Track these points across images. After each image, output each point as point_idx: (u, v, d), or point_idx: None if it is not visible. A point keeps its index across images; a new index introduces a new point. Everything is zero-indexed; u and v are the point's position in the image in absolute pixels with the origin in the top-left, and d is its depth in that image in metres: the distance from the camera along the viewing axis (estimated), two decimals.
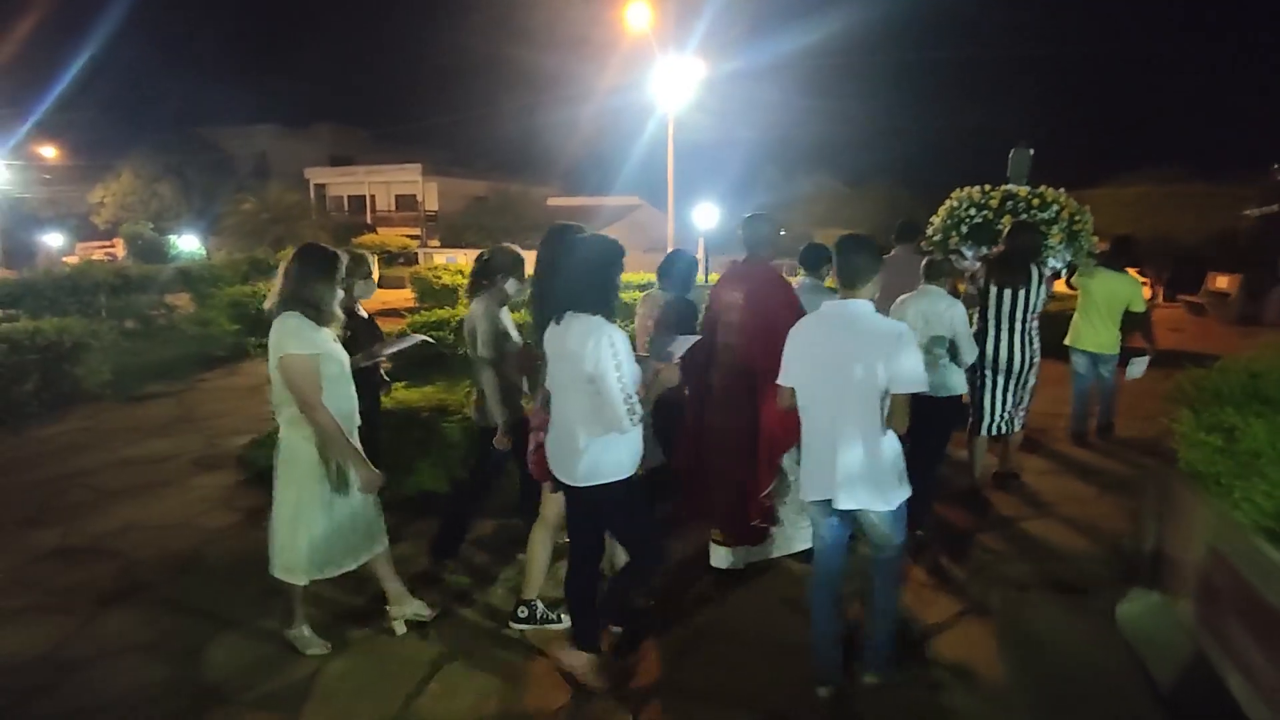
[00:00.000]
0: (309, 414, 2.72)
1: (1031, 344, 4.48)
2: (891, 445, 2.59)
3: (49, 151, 30.34)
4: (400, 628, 3.15)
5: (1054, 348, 5.29)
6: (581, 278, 2.58)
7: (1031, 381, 4.58)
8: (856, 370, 2.51)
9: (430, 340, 3.68)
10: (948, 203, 9.74)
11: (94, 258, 22.25)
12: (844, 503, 2.58)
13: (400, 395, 4.84)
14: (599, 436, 2.56)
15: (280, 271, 2.82)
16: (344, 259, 2.95)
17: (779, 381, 2.76)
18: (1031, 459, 5.27)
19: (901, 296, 4.05)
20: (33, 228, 27.24)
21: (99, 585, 3.59)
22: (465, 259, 21.14)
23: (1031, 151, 9.66)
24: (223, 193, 29.32)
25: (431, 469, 4.38)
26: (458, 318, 8.75)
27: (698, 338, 3.03)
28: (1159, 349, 5.48)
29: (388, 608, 3.17)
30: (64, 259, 21.70)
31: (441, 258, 22.78)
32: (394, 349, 3.78)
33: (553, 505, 3.12)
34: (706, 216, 14.62)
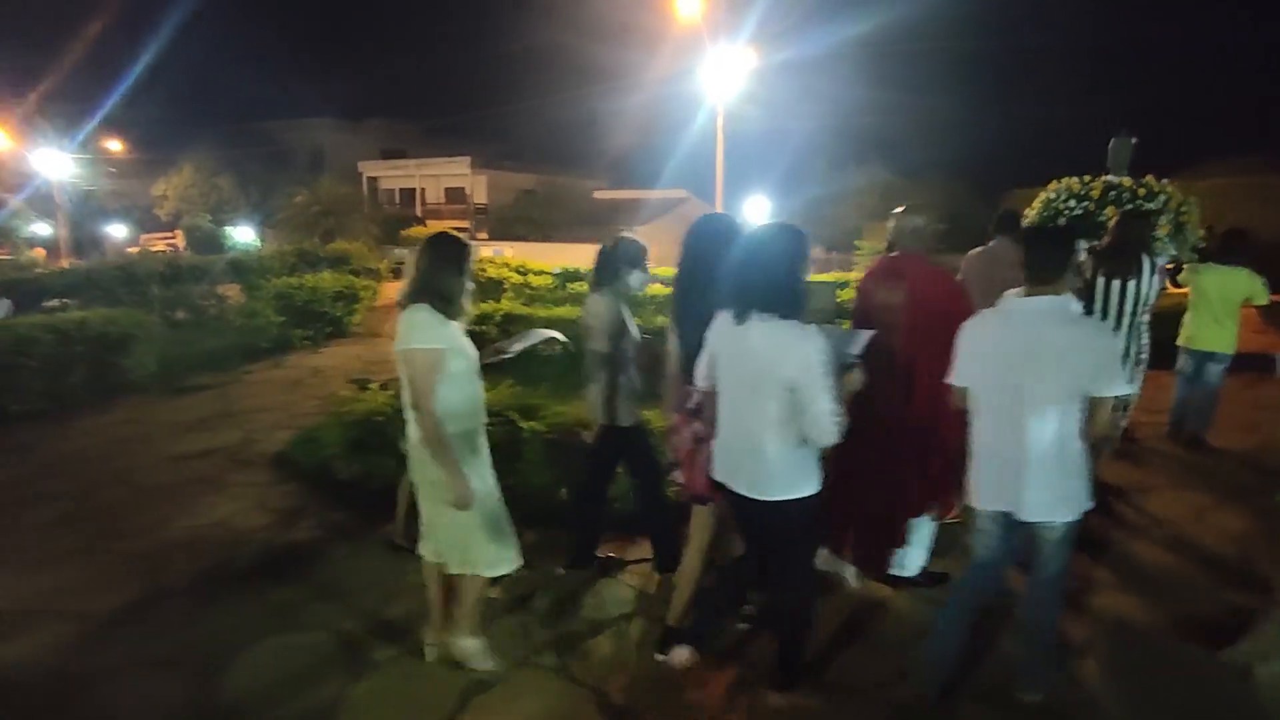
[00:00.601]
0: (419, 410, 2.55)
1: (1140, 339, 4.16)
2: (1081, 453, 2.38)
3: (115, 145, 31.38)
4: (431, 654, 2.91)
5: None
6: (773, 276, 2.36)
7: (1138, 380, 4.20)
8: (1053, 371, 2.31)
9: (560, 337, 3.44)
10: (1043, 194, 9.38)
11: (155, 249, 22.93)
12: (1030, 514, 2.38)
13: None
14: (792, 447, 2.35)
15: (410, 263, 2.68)
16: (475, 251, 2.76)
17: (951, 381, 2.55)
18: (1125, 468, 4.79)
19: (1009, 291, 3.69)
20: (100, 220, 28.25)
21: (124, 591, 3.45)
22: (512, 252, 21.13)
23: (1134, 141, 9.10)
24: (279, 185, 29.90)
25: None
26: (501, 312, 8.61)
27: (873, 332, 2.76)
28: (1241, 351, 5.19)
29: (432, 631, 2.92)
30: (128, 250, 22.39)
31: (489, 250, 22.82)
32: (522, 345, 3.55)
33: (704, 526, 2.91)
34: (758, 209, 14.20)
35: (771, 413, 2.35)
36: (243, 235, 26.50)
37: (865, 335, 2.69)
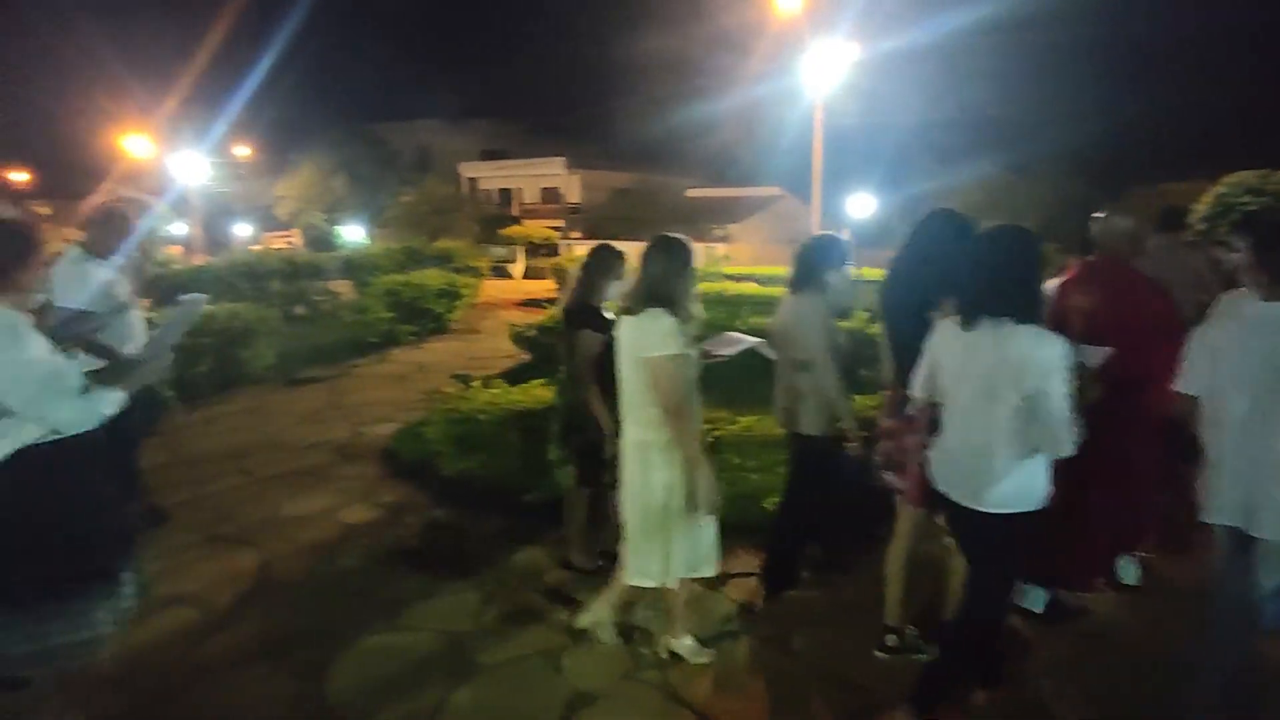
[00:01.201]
0: (675, 419, 2.55)
1: None
2: None
3: (244, 150, 33.67)
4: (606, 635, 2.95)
5: None
6: (1007, 277, 2.25)
7: None
8: None
9: (761, 348, 3.24)
10: (1216, 188, 8.73)
11: (275, 247, 24.39)
12: (1265, 531, 2.19)
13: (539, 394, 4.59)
14: (1023, 459, 2.23)
15: (637, 265, 2.67)
16: (694, 251, 2.75)
17: (1181, 389, 2.38)
18: None
19: (1230, 293, 3.35)
20: (228, 219, 30.38)
21: (236, 583, 3.56)
22: None
23: None
24: (386, 186, 31.30)
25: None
26: None
27: (1111, 350, 2.61)
28: None
29: (668, 639, 2.89)
30: (251, 247, 23.93)
31: (582, 249, 23.08)
32: (728, 351, 3.14)
33: (912, 530, 2.86)
34: (861, 206, 13.65)
35: (1003, 421, 2.23)
36: (352, 234, 27.85)
37: (1103, 351, 2.57)
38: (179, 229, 26.66)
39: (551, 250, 24.27)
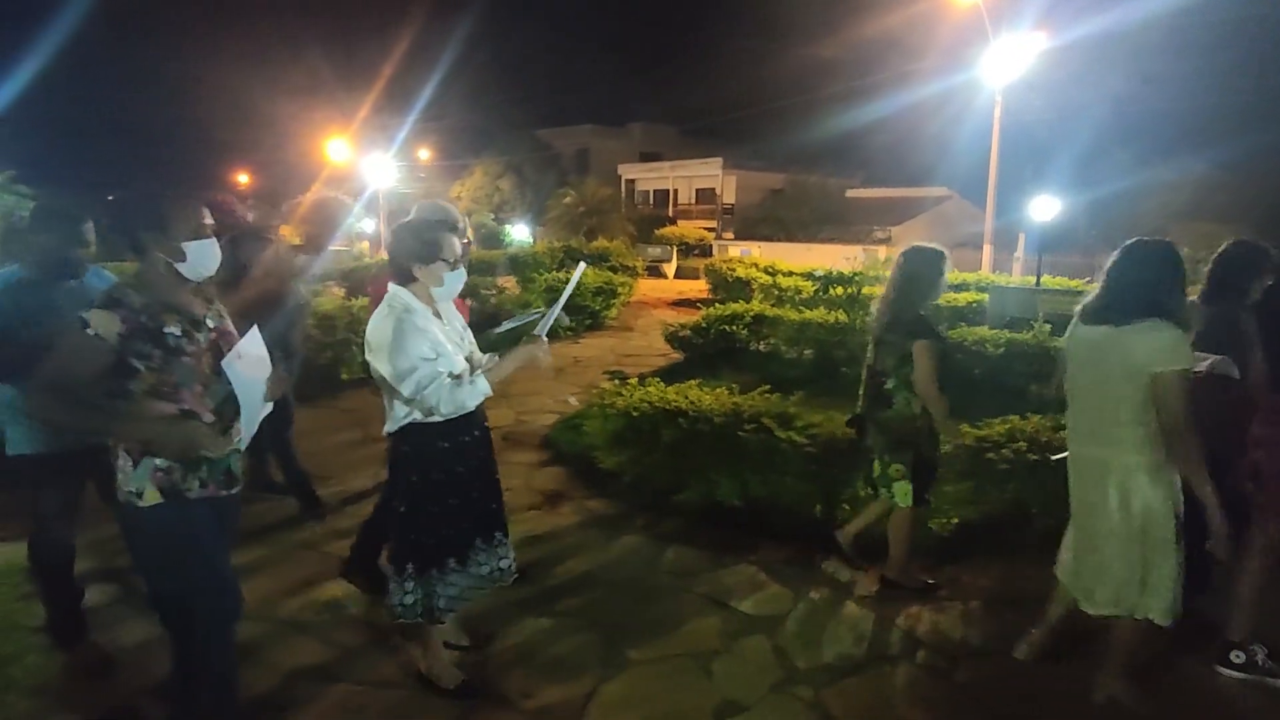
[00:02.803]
0: (1181, 439, 2.33)
1: None
2: None
3: (424, 154, 36.52)
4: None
5: None
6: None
7: None
8: None
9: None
10: None
11: None
12: None
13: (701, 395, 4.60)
14: None
15: (1104, 270, 2.57)
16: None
17: None
18: None
19: None
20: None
21: None
22: (759, 252, 21.04)
23: None
24: (549, 187, 32.74)
25: (730, 480, 4.10)
26: (751, 313, 8.52)
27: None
28: None
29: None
30: None
31: (736, 250, 22.97)
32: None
33: (1265, 537, 2.75)
34: (1044, 209, 12.54)
35: None
36: (519, 233, 29.39)
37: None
38: (369, 226, 29.34)
39: (705, 251, 24.37)
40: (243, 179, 41.47)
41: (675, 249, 22.95)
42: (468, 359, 2.66)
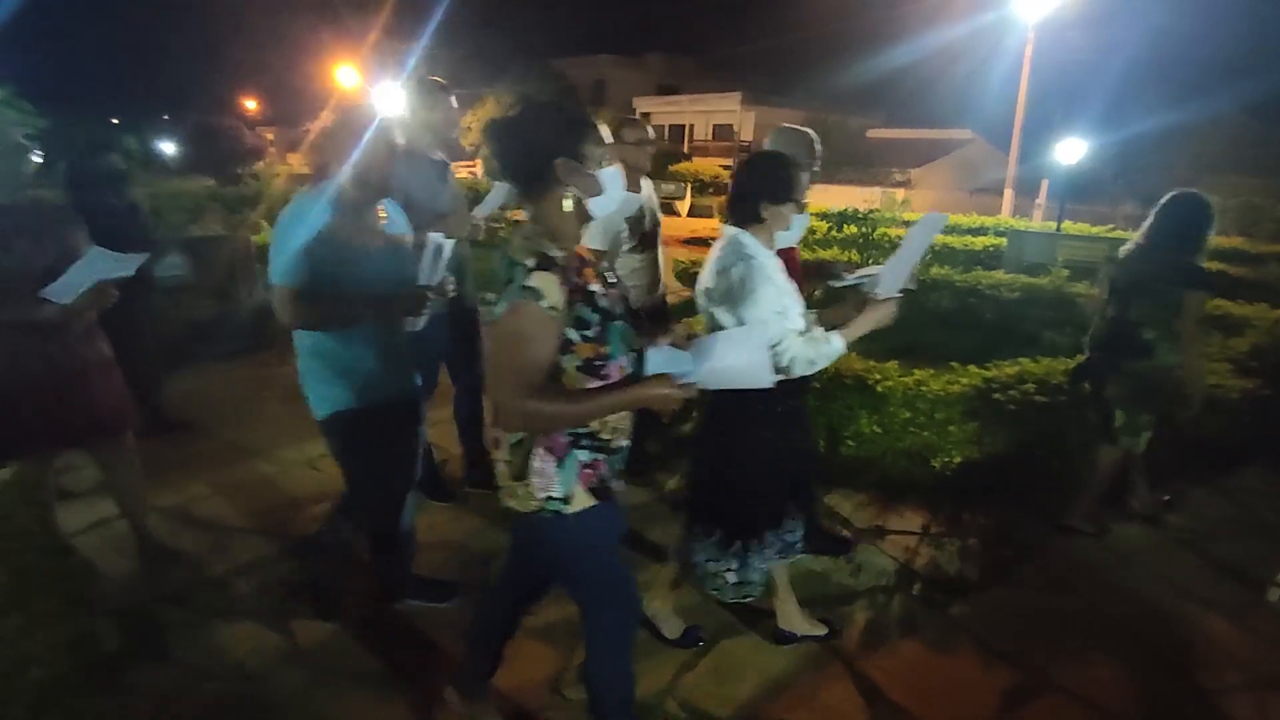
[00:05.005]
0: None
1: None
2: None
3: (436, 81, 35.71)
4: None
5: None
6: None
7: None
8: None
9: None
10: None
11: (459, 174, 25.89)
12: None
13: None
14: None
15: None
16: None
17: None
18: None
19: None
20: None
21: (467, 523, 3.53)
22: None
23: None
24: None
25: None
26: None
27: None
28: None
29: None
30: None
31: None
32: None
33: None
34: (1070, 152, 12.19)
35: None
36: None
37: None
38: None
39: (720, 188, 23.95)
40: (250, 104, 40.81)
41: (690, 186, 22.57)
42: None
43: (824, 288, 2.76)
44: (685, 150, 35.02)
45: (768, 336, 2.00)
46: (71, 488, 3.57)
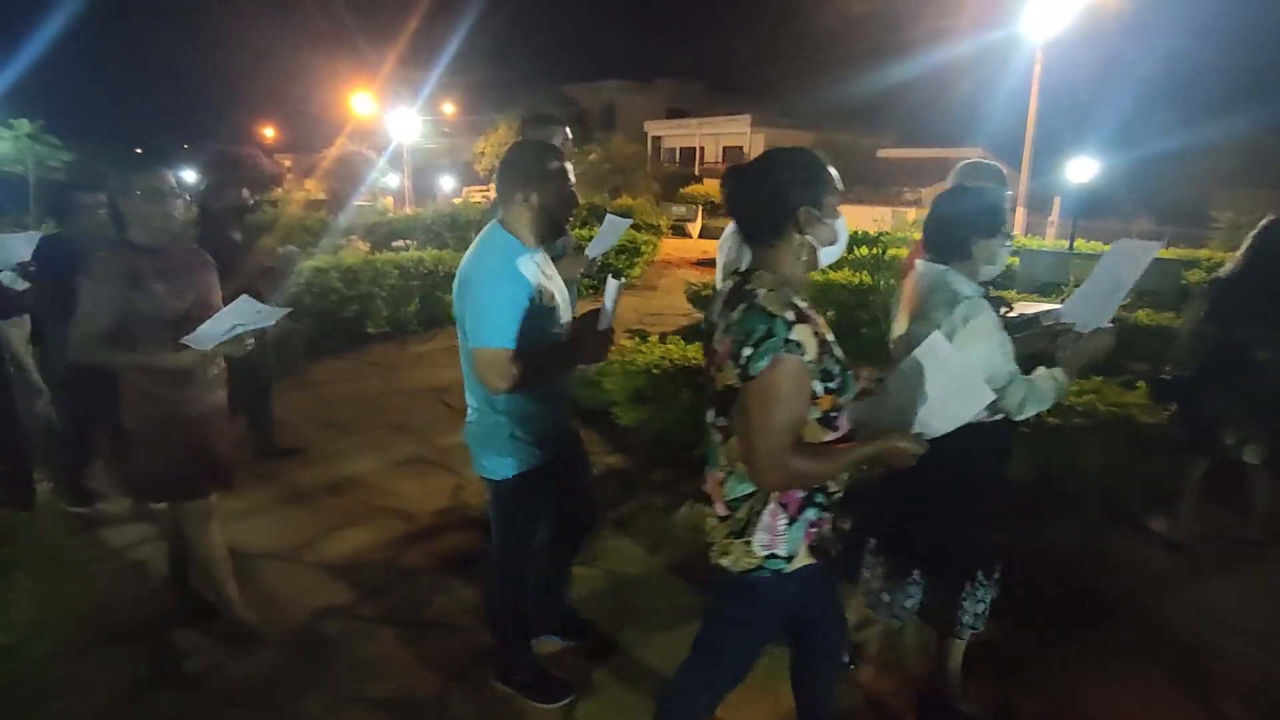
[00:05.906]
0: None
1: None
2: None
3: (448, 109, 36.30)
4: None
5: None
6: None
7: None
8: None
9: None
10: None
11: (474, 200, 26.20)
12: None
13: None
14: None
15: None
16: None
17: None
18: None
19: None
20: (433, 173, 33.06)
21: (436, 500, 3.97)
22: None
23: None
24: (574, 144, 32.44)
25: None
26: None
27: None
28: None
29: None
30: (453, 200, 25.87)
31: None
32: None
33: None
34: (1081, 171, 12.19)
35: None
36: None
37: None
38: (393, 181, 29.35)
39: None
40: (268, 132, 41.57)
41: (701, 208, 22.70)
42: None
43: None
44: (696, 173, 35.27)
45: (986, 374, 1.86)
46: (111, 513, 3.67)
